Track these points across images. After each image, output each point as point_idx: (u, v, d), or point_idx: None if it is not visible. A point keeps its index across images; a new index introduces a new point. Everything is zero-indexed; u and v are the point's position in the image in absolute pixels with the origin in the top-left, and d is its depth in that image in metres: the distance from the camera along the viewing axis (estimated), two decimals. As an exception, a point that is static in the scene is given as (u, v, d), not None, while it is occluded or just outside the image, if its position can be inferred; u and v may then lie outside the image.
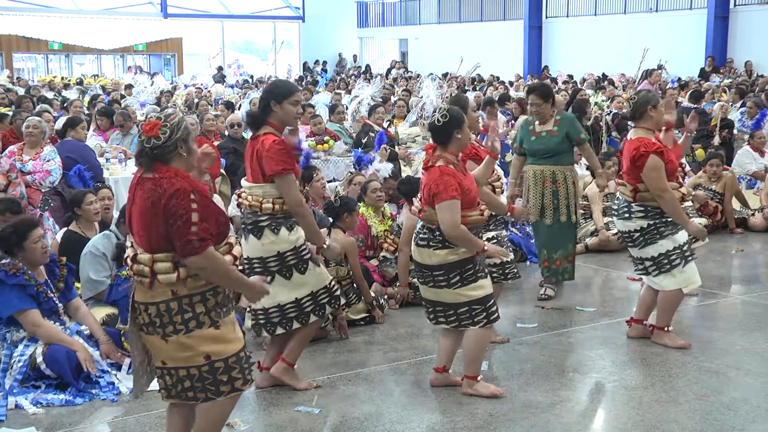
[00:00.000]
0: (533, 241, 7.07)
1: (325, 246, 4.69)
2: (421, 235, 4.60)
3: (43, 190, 7.50)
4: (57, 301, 4.92)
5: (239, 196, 4.65)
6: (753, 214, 9.27)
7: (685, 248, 5.31)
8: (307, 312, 4.65)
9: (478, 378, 4.67)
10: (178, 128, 3.42)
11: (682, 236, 5.31)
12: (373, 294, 6.10)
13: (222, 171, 8.39)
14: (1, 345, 4.83)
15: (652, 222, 5.26)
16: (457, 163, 4.55)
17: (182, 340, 3.42)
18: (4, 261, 4.79)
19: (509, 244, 6.14)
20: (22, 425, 4.35)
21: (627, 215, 5.34)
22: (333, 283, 4.78)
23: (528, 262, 7.83)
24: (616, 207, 5.47)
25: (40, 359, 4.71)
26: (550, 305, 6.47)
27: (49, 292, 4.87)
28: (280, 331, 4.68)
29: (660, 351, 5.35)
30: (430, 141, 4.64)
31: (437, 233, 4.48)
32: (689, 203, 6.06)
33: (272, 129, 4.52)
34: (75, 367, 4.70)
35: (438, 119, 4.48)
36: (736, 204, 9.27)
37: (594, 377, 5.01)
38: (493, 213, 5.47)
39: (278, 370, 4.76)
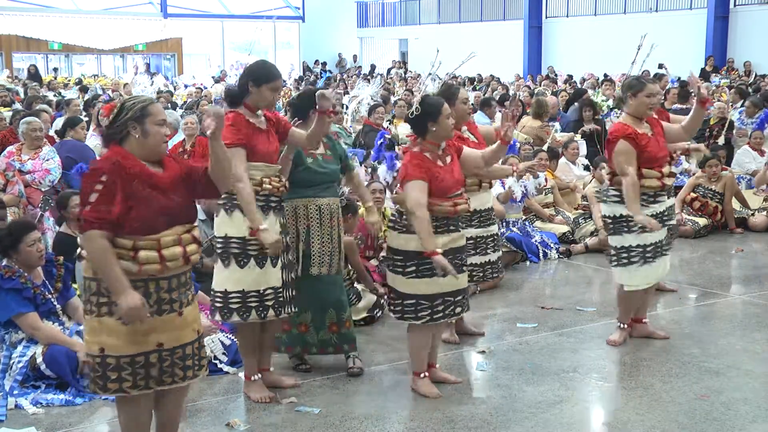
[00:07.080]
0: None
1: (260, 229, 4.29)
2: (391, 217, 4.70)
3: (42, 189, 7.50)
4: (55, 302, 4.91)
5: None
6: (753, 214, 9.27)
7: (649, 249, 5.28)
8: (231, 308, 4.43)
9: (420, 374, 4.70)
10: (129, 109, 3.41)
11: (653, 237, 5.25)
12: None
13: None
14: (1, 346, 4.82)
15: (625, 213, 5.23)
16: (437, 152, 4.56)
17: (91, 323, 3.44)
18: None
19: (501, 241, 5.99)
20: (22, 425, 4.35)
21: (605, 198, 5.39)
22: (269, 290, 4.44)
23: (528, 262, 7.83)
24: (602, 190, 5.53)
25: (39, 359, 4.70)
26: (549, 305, 6.47)
27: (47, 293, 4.85)
28: (218, 317, 4.54)
29: (660, 351, 5.35)
30: None
31: (404, 216, 4.53)
32: (676, 203, 5.98)
33: (246, 110, 4.45)
34: (75, 367, 4.69)
35: (412, 113, 4.55)
36: (736, 204, 9.27)
37: (594, 377, 5.01)
38: (478, 209, 5.49)
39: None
